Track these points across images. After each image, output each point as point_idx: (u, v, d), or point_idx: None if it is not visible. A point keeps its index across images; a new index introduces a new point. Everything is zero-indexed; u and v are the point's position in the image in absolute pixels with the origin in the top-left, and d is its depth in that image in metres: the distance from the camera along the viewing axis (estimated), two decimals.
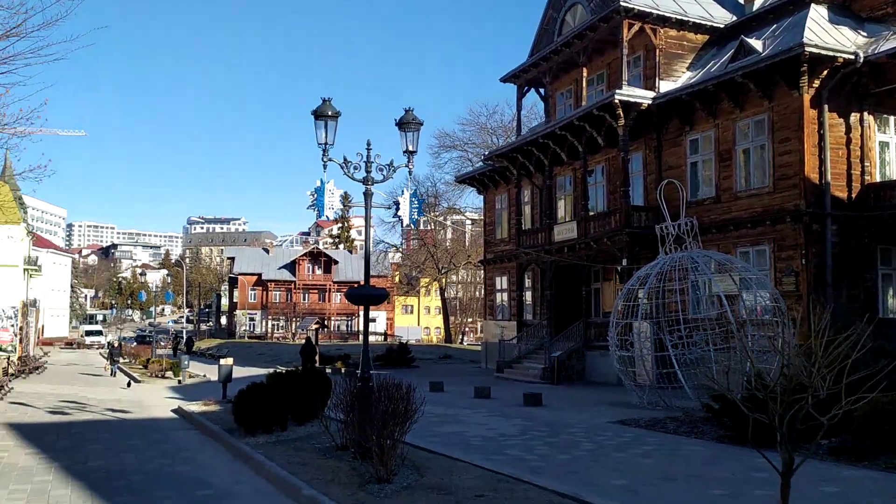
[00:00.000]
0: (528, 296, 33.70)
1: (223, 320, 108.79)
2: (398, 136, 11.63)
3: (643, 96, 25.59)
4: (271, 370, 17.24)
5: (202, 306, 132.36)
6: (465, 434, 13.88)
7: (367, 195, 11.23)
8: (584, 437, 13.34)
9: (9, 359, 31.31)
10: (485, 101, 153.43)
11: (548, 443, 12.76)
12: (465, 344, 77.99)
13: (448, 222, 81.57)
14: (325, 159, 11.09)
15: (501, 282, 36.88)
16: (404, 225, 11.22)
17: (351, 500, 8.23)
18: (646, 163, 27.04)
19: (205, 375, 33.33)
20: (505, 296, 36.44)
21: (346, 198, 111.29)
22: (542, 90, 33.86)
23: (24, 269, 61.13)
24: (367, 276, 11.33)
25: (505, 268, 35.82)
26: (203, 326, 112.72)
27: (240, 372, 35.15)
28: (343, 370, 32.53)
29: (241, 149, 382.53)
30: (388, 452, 9.18)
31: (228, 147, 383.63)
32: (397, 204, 11.63)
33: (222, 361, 21.11)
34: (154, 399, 23.20)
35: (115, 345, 32.70)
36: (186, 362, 30.36)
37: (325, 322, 46.58)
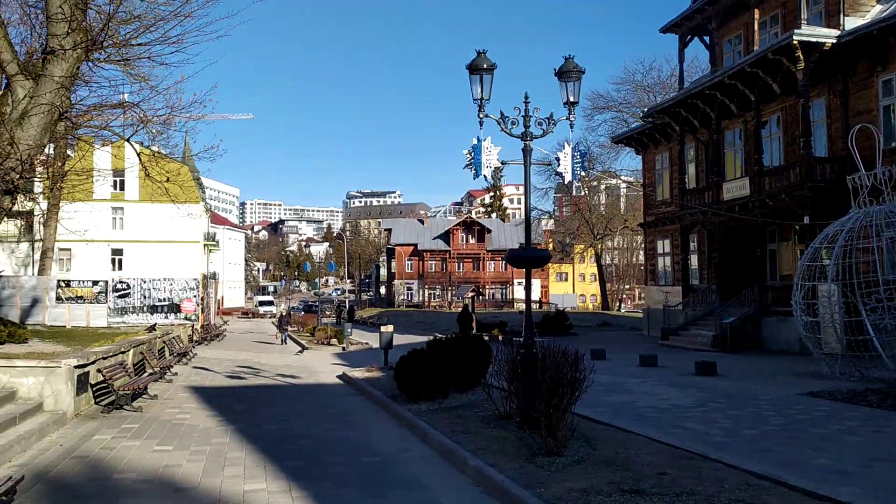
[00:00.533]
0: (694, 259, 31.70)
1: (382, 290, 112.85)
2: (554, 97, 10.85)
3: (826, 35, 22.90)
4: (430, 338, 17.26)
5: (362, 277, 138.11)
6: (635, 404, 12.99)
7: (526, 151, 10.55)
8: (772, 411, 12.04)
9: (193, 327, 33.78)
10: (640, 58, 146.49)
11: (731, 416, 11.62)
12: (622, 311, 75.74)
13: (603, 186, 79.14)
14: (480, 115, 10.51)
15: (663, 245, 34.97)
16: (566, 181, 10.36)
17: (520, 474, 7.71)
18: (829, 109, 24.29)
19: (366, 343, 34.35)
20: (667, 260, 34.55)
21: (497, 167, 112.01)
22: (706, 38, 31.37)
23: (204, 245, 66.29)
24: (528, 237, 10.70)
25: (667, 230, 33.90)
26: (363, 296, 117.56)
27: (399, 339, 35.93)
28: (500, 337, 32.28)
29: (397, 124, 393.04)
30: (557, 423, 8.57)
31: (385, 122, 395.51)
32: (557, 159, 10.84)
33: (383, 329, 21.37)
34: (320, 365, 24.03)
35: (285, 314, 34.39)
36: (349, 330, 31.34)
37: (480, 290, 46.47)
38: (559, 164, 10.75)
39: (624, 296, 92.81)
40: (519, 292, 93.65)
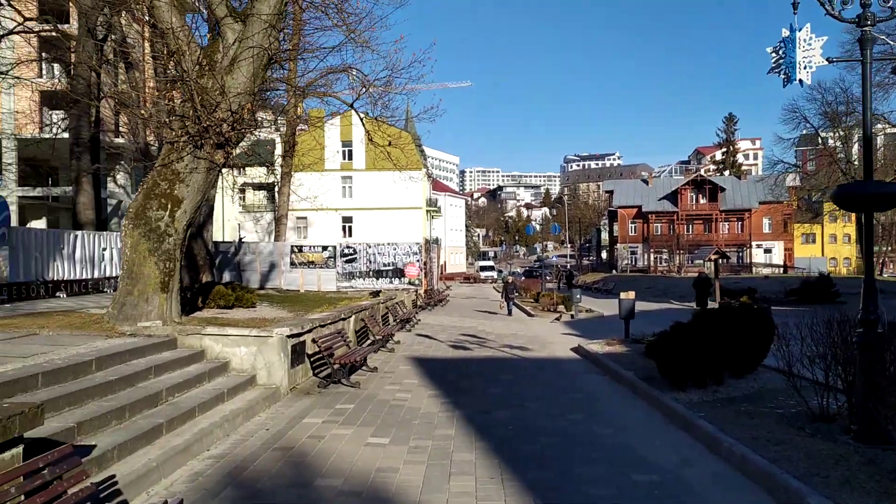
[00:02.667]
0: None
1: (603, 254, 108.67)
2: None
3: None
4: (664, 305, 14.63)
5: (582, 241, 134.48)
6: None
7: (865, 41, 7.20)
8: None
9: (416, 292, 33.20)
10: None
11: None
12: (884, 276, 65.36)
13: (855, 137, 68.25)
14: None
15: None
16: None
17: None
18: None
19: (594, 310, 31.62)
20: None
21: (730, 119, 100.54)
22: None
23: (426, 211, 67.02)
24: (870, 166, 7.36)
25: None
26: (584, 261, 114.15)
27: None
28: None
29: (615, 84, 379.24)
30: None
31: (602, 84, 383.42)
32: None
33: (623, 296, 18.54)
34: (549, 335, 21.78)
35: (510, 280, 32.15)
36: (579, 296, 28.76)
37: (725, 253, 41.53)
38: None
39: (885, 258, 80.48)
40: (758, 255, 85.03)
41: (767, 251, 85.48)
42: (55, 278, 18.71)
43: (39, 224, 46.18)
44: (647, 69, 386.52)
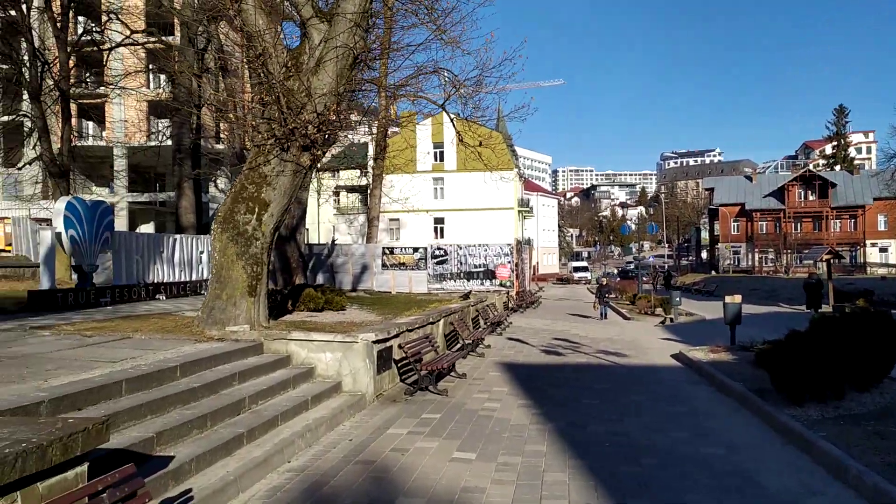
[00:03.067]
0: None
1: (703, 254, 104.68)
2: None
3: None
4: (772, 309, 13.46)
5: (680, 241, 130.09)
6: None
7: None
8: None
9: (507, 294, 32.64)
10: None
11: None
12: None
13: None
14: None
15: None
16: None
17: None
18: None
19: (695, 313, 30.17)
20: None
21: (840, 111, 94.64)
22: None
23: (518, 211, 66.31)
24: None
25: None
26: (682, 261, 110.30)
27: None
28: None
29: (714, 78, 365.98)
30: None
31: (700, 78, 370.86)
32: None
33: (728, 299, 17.38)
34: (647, 340, 20.78)
35: (604, 282, 30.75)
36: (678, 299, 27.43)
37: (838, 253, 38.95)
38: None
39: None
40: (873, 255, 79.71)
41: (883, 250, 79.97)
42: (155, 281, 19.27)
43: (148, 228, 48.38)
44: (748, 60, 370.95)
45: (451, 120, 27.83)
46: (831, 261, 35.21)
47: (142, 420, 6.68)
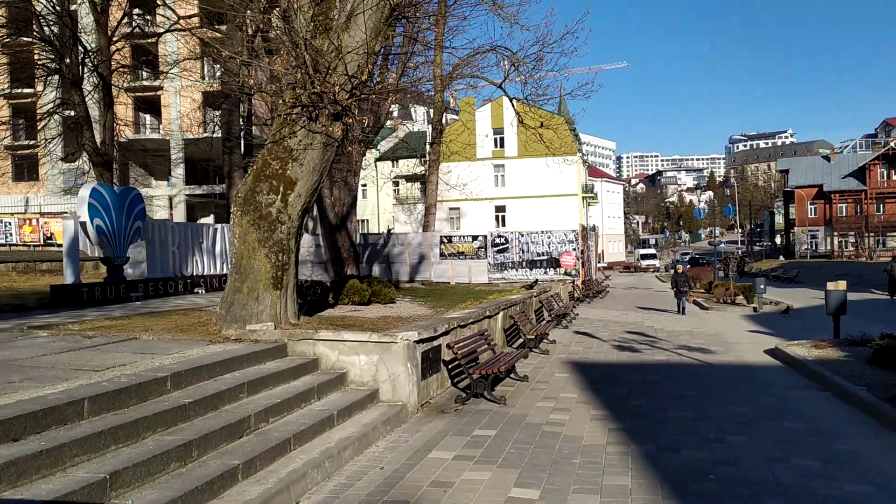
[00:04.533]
0: None
1: (777, 239, 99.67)
2: None
3: None
4: (864, 296, 11.35)
5: (752, 226, 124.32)
6: None
7: None
8: None
9: (573, 283, 30.57)
10: None
11: None
12: None
13: None
14: None
15: None
16: None
17: None
18: None
19: (780, 302, 27.53)
20: None
21: None
22: None
23: (582, 197, 63.72)
24: None
25: None
26: (755, 247, 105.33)
27: (816, 298, 28.27)
28: None
29: (783, 55, 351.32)
30: None
31: (768, 55, 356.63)
32: None
33: (831, 286, 15.03)
34: (732, 332, 18.53)
35: (680, 270, 26.49)
36: (763, 286, 24.92)
37: None
38: None
39: None
40: None
41: None
42: (194, 273, 18.06)
43: (206, 220, 47.95)
44: (819, 34, 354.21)
45: (511, 100, 25.90)
46: None
47: (100, 453, 5.14)
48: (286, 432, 6.60)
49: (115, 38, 25.37)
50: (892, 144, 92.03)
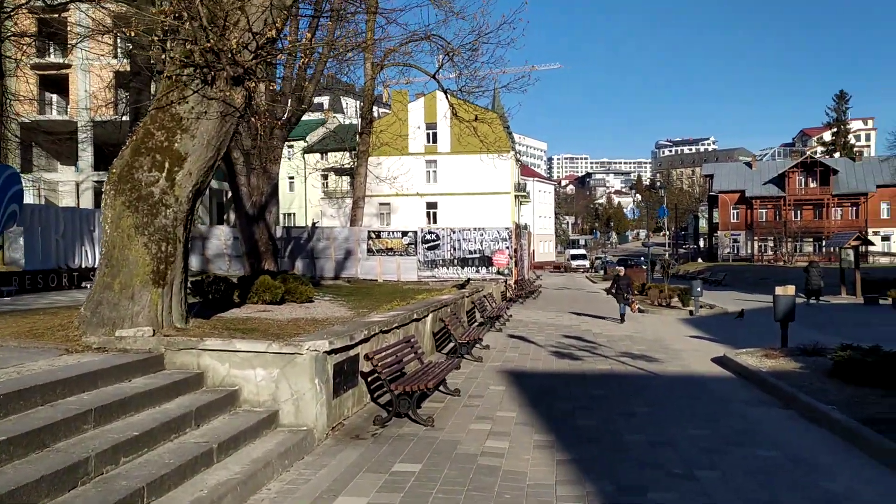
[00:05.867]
0: None
1: (701, 242, 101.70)
2: None
3: None
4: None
5: (677, 229, 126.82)
6: None
7: None
8: None
9: (506, 282, 29.42)
10: None
11: None
12: None
13: None
14: None
15: None
16: None
17: None
18: None
19: (715, 305, 27.05)
20: None
21: (841, 97, 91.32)
22: None
23: (515, 196, 62.92)
24: None
25: None
26: (679, 250, 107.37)
27: (745, 301, 28.02)
28: None
29: (708, 65, 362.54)
30: None
31: (694, 64, 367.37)
32: None
33: (779, 290, 14.16)
34: (673, 338, 17.59)
35: (622, 273, 23.84)
36: (699, 289, 24.25)
37: (866, 238, 35.89)
38: None
39: None
40: (877, 244, 76.85)
41: (885, 239, 77.19)
42: (82, 265, 15.91)
43: None
44: (742, 47, 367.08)
45: (445, 92, 24.37)
46: (859, 248, 32.12)
47: None
48: (138, 479, 4.92)
49: (9, 6, 22.80)
50: (808, 153, 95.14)
